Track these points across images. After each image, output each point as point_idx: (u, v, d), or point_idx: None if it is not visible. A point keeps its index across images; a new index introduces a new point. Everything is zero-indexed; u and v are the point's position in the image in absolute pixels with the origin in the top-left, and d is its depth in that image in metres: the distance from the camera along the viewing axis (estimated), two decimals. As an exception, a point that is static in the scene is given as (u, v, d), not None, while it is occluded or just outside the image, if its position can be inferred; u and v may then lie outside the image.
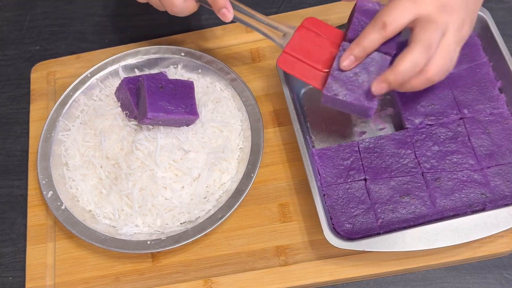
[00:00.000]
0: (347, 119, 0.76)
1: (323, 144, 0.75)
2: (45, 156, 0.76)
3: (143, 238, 0.70)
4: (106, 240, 0.70)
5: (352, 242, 0.64)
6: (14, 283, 0.74)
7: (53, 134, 0.77)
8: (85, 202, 0.74)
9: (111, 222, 0.73)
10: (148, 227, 0.72)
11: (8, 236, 0.77)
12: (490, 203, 0.65)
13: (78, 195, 0.74)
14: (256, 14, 0.70)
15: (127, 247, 0.69)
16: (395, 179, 0.68)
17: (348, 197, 0.68)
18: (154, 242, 0.69)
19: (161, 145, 0.73)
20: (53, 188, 0.74)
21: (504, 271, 0.68)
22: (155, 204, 0.71)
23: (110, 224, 0.73)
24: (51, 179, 0.74)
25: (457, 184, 0.67)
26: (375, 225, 0.66)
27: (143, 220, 0.71)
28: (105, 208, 0.73)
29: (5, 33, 0.93)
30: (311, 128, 0.76)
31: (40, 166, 0.75)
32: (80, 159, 0.76)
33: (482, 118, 0.70)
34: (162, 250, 0.69)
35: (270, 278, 0.69)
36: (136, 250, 0.69)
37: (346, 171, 0.70)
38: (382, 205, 0.67)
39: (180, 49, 0.80)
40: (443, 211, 0.66)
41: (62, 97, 0.79)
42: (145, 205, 0.71)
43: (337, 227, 0.67)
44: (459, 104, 0.71)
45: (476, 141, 0.69)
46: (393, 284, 0.69)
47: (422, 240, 0.63)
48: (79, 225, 0.71)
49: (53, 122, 0.78)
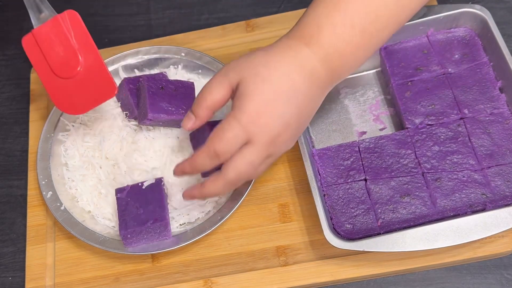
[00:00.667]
0: (347, 119, 0.76)
1: (323, 144, 0.75)
2: (44, 156, 0.75)
3: None
4: (106, 241, 0.70)
5: (352, 243, 0.63)
6: (13, 283, 0.74)
7: (53, 134, 0.77)
8: (85, 203, 0.74)
9: (110, 223, 0.73)
10: None
11: (8, 236, 0.77)
12: (491, 203, 0.65)
13: (78, 195, 0.74)
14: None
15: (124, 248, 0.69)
16: (395, 179, 0.68)
17: (348, 197, 0.68)
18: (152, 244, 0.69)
19: (161, 146, 0.73)
20: (52, 189, 0.73)
21: (504, 271, 0.68)
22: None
23: (109, 225, 0.73)
24: (50, 179, 0.74)
25: (457, 184, 0.67)
26: (376, 225, 0.66)
27: None
28: (104, 208, 0.73)
29: (5, 33, 0.93)
30: (311, 128, 0.76)
31: (39, 166, 0.75)
32: (79, 159, 0.76)
33: (482, 118, 0.70)
34: (161, 251, 0.68)
35: (270, 278, 0.69)
36: (135, 251, 0.69)
37: (346, 171, 0.70)
38: (382, 205, 0.67)
39: (180, 49, 0.80)
40: (443, 211, 0.66)
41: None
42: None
43: (337, 227, 0.67)
44: (460, 104, 0.71)
45: (476, 141, 0.69)
46: (393, 284, 0.69)
47: (423, 240, 0.62)
48: (78, 226, 0.71)
49: (53, 122, 0.78)
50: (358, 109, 0.76)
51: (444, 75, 0.73)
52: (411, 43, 0.75)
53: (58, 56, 0.66)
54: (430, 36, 0.75)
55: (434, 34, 0.75)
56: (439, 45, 0.75)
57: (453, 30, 0.75)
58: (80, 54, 0.66)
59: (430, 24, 0.75)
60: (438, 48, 0.75)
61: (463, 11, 0.74)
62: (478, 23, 0.74)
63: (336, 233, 0.65)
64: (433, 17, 0.74)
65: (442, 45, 0.75)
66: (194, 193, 0.63)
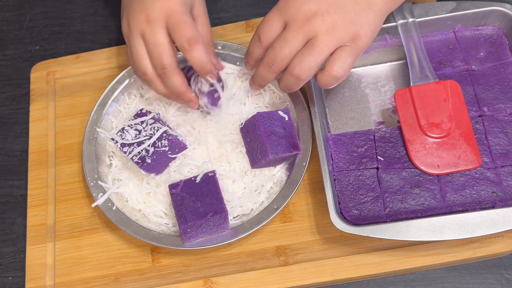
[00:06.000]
0: (366, 108, 0.76)
1: (339, 131, 0.75)
2: (90, 158, 0.74)
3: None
4: (162, 238, 0.69)
5: (357, 227, 0.64)
6: (14, 283, 0.74)
7: (95, 135, 0.76)
8: (135, 202, 0.73)
9: (163, 220, 0.72)
10: None
11: (8, 236, 0.77)
12: (500, 202, 0.65)
13: (127, 195, 0.73)
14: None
15: (183, 244, 0.68)
16: (407, 170, 0.68)
17: (359, 184, 0.68)
18: (210, 237, 0.68)
19: (210, 140, 0.73)
20: (102, 190, 0.73)
21: (504, 271, 0.68)
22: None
23: (162, 222, 0.72)
24: (98, 181, 0.73)
25: (469, 180, 0.67)
26: (383, 213, 0.66)
27: None
28: (155, 206, 0.72)
29: (5, 33, 0.93)
30: (328, 114, 0.76)
31: (86, 168, 0.74)
32: (125, 158, 0.75)
33: (501, 117, 0.69)
34: (221, 244, 0.68)
35: (270, 278, 0.69)
36: (193, 246, 0.68)
37: (359, 158, 0.70)
38: (391, 195, 0.67)
39: (216, 43, 0.79)
40: (452, 206, 0.66)
41: (101, 98, 0.78)
42: None
43: (344, 212, 0.67)
44: (480, 101, 0.71)
45: (492, 140, 0.68)
46: (393, 284, 0.69)
47: (428, 232, 0.62)
48: (133, 224, 0.70)
49: (94, 122, 0.76)
50: (378, 99, 0.76)
51: (467, 71, 0.73)
52: (438, 37, 0.75)
53: (429, 115, 0.68)
54: (457, 32, 0.75)
55: (461, 31, 0.75)
56: (465, 42, 0.75)
57: (480, 28, 0.75)
58: (454, 121, 0.68)
59: (458, 20, 0.74)
60: (464, 45, 0.74)
61: (493, 9, 0.73)
62: (506, 22, 0.73)
63: (342, 217, 0.66)
64: (462, 13, 0.73)
65: (468, 42, 0.75)
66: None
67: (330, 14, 0.63)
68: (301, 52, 0.64)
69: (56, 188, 0.78)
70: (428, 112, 0.68)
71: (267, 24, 0.66)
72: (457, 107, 0.68)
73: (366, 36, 0.64)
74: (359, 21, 0.64)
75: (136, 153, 0.71)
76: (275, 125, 0.70)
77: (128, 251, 0.73)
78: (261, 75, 0.68)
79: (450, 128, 0.68)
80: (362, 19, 0.64)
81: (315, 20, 0.63)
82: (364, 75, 0.78)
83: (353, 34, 0.63)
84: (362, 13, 0.64)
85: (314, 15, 0.63)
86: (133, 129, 0.73)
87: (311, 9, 0.63)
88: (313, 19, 0.63)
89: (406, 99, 0.69)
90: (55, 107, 0.83)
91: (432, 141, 0.68)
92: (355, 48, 0.64)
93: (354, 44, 0.64)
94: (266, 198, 0.71)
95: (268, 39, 0.66)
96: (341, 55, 0.63)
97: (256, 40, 0.67)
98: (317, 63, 0.64)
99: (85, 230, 0.75)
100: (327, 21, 0.63)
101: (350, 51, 0.64)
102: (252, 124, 0.70)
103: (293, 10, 0.64)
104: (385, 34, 0.75)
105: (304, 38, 0.64)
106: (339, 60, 0.63)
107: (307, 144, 0.71)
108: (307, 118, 0.73)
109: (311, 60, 0.63)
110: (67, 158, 0.80)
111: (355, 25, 0.63)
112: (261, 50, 0.67)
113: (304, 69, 0.64)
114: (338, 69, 0.63)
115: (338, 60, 0.63)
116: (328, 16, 0.63)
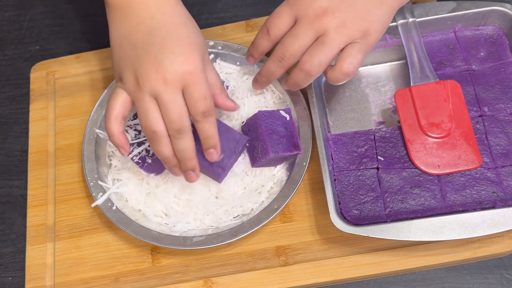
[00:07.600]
0: (366, 108, 0.76)
1: (340, 131, 0.75)
2: (90, 158, 0.74)
3: (199, 233, 0.69)
4: (162, 238, 0.68)
5: (357, 227, 0.64)
6: (13, 283, 0.74)
7: (95, 135, 0.76)
8: (134, 202, 0.73)
9: (163, 220, 0.72)
10: (199, 221, 0.71)
11: (8, 236, 0.77)
12: (501, 202, 0.65)
13: (126, 195, 0.73)
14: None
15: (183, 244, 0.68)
16: (407, 170, 0.68)
17: (359, 184, 0.68)
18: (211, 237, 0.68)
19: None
20: (102, 190, 0.73)
21: (504, 271, 0.68)
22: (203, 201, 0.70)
23: (162, 222, 0.72)
24: (97, 181, 0.73)
25: (469, 181, 0.67)
26: (383, 213, 0.66)
27: (194, 217, 0.71)
28: (155, 206, 0.72)
29: (5, 33, 0.93)
30: (329, 114, 0.76)
31: (87, 168, 0.74)
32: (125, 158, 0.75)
33: (501, 117, 0.69)
34: (221, 244, 0.68)
35: (270, 279, 0.69)
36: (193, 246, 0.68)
37: (359, 158, 0.70)
38: (391, 195, 0.67)
39: (217, 43, 0.79)
40: (452, 206, 0.66)
41: (101, 98, 0.77)
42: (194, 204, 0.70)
43: (344, 212, 0.67)
44: (480, 101, 0.71)
45: (493, 140, 0.68)
46: (393, 284, 0.69)
47: (428, 232, 0.62)
48: (133, 224, 0.70)
49: (94, 122, 0.76)
50: (379, 99, 0.76)
51: (468, 71, 0.73)
52: (438, 37, 0.75)
53: (429, 115, 0.68)
54: (457, 32, 0.75)
55: (462, 30, 0.75)
56: (465, 42, 0.75)
57: (481, 28, 0.75)
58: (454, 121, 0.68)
59: (459, 20, 0.74)
60: (464, 45, 0.75)
61: (493, 9, 0.73)
62: (507, 22, 0.73)
63: (342, 217, 0.66)
64: (462, 13, 0.73)
65: (468, 42, 0.75)
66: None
67: (341, 11, 0.63)
68: (311, 48, 0.64)
69: (56, 188, 0.78)
70: (429, 112, 0.68)
71: (277, 18, 0.66)
72: (457, 107, 0.68)
73: (376, 32, 0.65)
74: (369, 18, 0.64)
75: (136, 153, 0.71)
76: (276, 124, 0.70)
77: (128, 251, 0.73)
78: (270, 69, 0.68)
79: (451, 128, 0.68)
80: (373, 16, 0.64)
81: (326, 17, 0.63)
82: (364, 75, 0.78)
83: (363, 31, 0.64)
84: (373, 10, 0.64)
85: (325, 12, 0.63)
86: (133, 129, 0.73)
87: (322, 6, 0.63)
88: (324, 16, 0.63)
89: (407, 99, 0.69)
90: (55, 107, 0.83)
91: (432, 141, 0.68)
92: (365, 44, 0.64)
93: (364, 40, 0.64)
94: (266, 198, 0.71)
95: (277, 32, 0.66)
96: (351, 51, 0.64)
97: (265, 33, 0.67)
98: (327, 59, 0.64)
99: (85, 230, 0.75)
100: (337, 18, 0.63)
101: (360, 48, 0.64)
102: (254, 123, 0.70)
103: (304, 6, 0.64)
104: (385, 34, 0.75)
105: (315, 34, 0.64)
106: (349, 56, 0.64)
107: (307, 144, 0.71)
108: (307, 118, 0.73)
109: (321, 56, 0.64)
110: (67, 158, 0.80)
111: (366, 22, 0.64)
112: (268, 43, 0.68)
113: (314, 65, 0.64)
114: (348, 66, 0.64)
115: (348, 56, 0.64)
116: (339, 14, 0.63)
